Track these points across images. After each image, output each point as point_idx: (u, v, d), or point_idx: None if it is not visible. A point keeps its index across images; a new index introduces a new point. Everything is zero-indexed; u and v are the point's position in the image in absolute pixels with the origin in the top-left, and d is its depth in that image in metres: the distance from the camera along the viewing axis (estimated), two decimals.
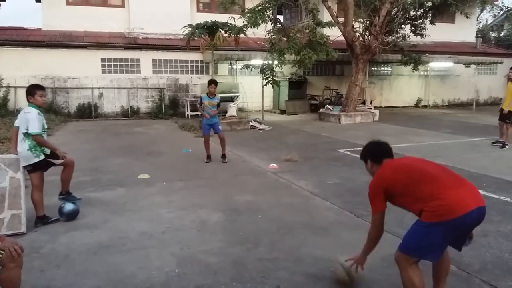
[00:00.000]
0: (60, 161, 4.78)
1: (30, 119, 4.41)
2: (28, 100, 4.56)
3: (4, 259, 2.54)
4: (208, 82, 7.90)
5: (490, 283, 3.23)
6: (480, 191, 5.69)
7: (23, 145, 4.46)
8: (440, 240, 2.58)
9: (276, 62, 12.96)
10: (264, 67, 13.07)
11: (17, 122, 4.59)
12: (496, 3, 26.67)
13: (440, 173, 2.71)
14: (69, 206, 4.69)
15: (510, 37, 26.73)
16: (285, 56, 12.87)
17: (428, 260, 2.68)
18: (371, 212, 2.84)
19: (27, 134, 4.46)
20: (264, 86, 13.41)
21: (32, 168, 4.51)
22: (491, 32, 30.31)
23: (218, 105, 7.89)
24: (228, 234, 4.27)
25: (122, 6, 16.77)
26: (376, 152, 3.01)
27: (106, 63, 15.47)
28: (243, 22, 12.77)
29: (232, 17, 12.95)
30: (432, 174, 2.68)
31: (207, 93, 7.84)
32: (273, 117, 15.36)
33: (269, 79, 12.98)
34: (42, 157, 4.56)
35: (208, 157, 7.90)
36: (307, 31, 13.48)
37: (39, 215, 4.53)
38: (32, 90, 4.56)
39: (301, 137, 11.01)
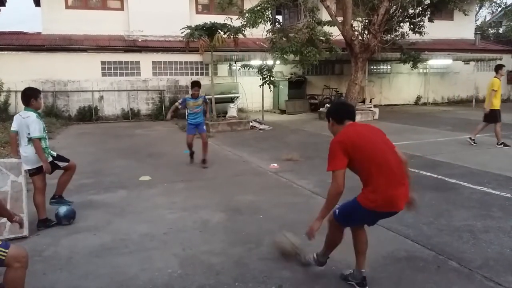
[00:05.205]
0: (65, 164, 4.79)
1: (30, 123, 4.38)
2: (29, 104, 4.46)
3: (9, 259, 2.56)
4: (191, 84, 7.60)
5: (492, 279, 3.24)
6: (480, 187, 5.76)
7: (30, 148, 4.43)
8: (365, 220, 3.06)
9: (278, 61, 12.91)
10: (262, 67, 13.07)
11: (15, 127, 4.51)
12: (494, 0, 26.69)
13: (396, 165, 2.87)
14: (62, 209, 4.62)
15: (509, 33, 26.71)
16: (288, 54, 12.85)
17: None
18: (329, 168, 2.88)
19: (31, 138, 4.44)
20: (262, 86, 13.37)
21: (36, 171, 4.50)
22: (489, 29, 30.32)
23: (206, 102, 7.69)
24: (230, 234, 4.28)
25: (121, 9, 16.80)
26: (338, 112, 3.09)
27: (106, 66, 15.49)
28: (241, 22, 12.77)
29: (229, 17, 12.93)
30: (391, 168, 2.83)
31: (191, 95, 7.55)
32: (273, 117, 15.36)
33: (266, 79, 12.97)
34: (50, 159, 4.57)
35: (191, 155, 7.70)
36: (307, 30, 13.46)
37: (41, 218, 4.53)
38: (35, 94, 4.53)
39: (302, 136, 11.01)
